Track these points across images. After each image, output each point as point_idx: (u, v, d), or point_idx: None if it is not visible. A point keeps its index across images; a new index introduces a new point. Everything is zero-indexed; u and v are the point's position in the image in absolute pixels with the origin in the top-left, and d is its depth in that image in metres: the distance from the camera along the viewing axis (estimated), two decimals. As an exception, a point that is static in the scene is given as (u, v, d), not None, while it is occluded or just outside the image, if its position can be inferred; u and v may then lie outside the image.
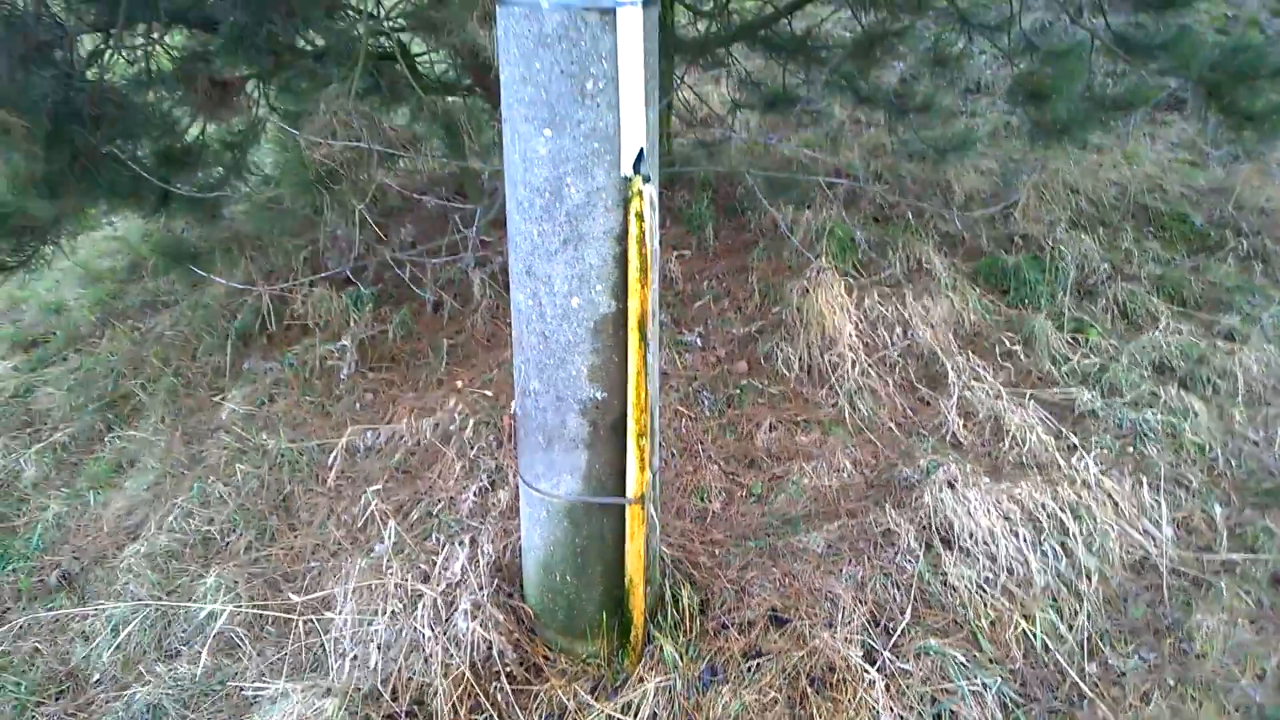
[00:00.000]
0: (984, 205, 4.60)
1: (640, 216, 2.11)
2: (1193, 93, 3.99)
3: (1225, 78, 3.70)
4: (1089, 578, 2.35)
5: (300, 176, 2.80)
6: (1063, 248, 3.97)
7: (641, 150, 2.08)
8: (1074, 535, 2.42)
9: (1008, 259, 3.94)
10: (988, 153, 5.28)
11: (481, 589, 2.10)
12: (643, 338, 2.13)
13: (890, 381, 3.21)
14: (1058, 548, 2.39)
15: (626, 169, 2.08)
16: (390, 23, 4.27)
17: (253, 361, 3.59)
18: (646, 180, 2.11)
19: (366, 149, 2.92)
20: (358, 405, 3.29)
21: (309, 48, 4.33)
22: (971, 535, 2.35)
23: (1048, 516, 2.43)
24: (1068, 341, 3.46)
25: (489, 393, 3.22)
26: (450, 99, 4.67)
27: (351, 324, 3.64)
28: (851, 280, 3.72)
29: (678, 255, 4.11)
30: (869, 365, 3.23)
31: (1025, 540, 2.36)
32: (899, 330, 3.41)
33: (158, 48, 3.81)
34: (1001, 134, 5.74)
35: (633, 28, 1.94)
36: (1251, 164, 5.03)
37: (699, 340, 3.55)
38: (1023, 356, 3.39)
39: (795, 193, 4.50)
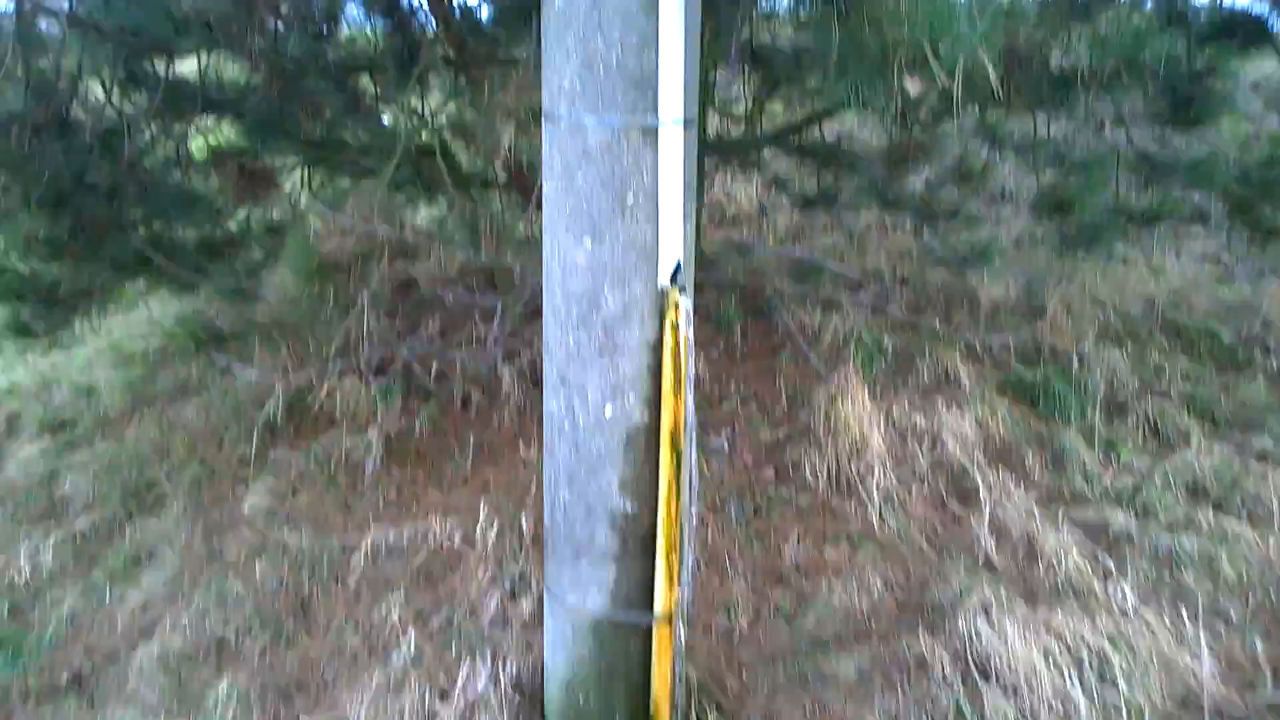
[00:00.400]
0: (1011, 314, 4.60)
1: (676, 328, 2.11)
2: (1217, 206, 4.01)
3: (1251, 192, 3.72)
4: (1131, 715, 2.24)
5: (302, 265, 2.83)
6: (1091, 362, 3.95)
7: (679, 263, 2.10)
8: (1115, 669, 2.32)
9: (1036, 371, 3.92)
10: (1013, 261, 5.31)
11: (502, 709, 2.03)
12: (675, 450, 2.11)
13: (920, 495, 3.15)
14: (1099, 682, 2.29)
15: (664, 281, 2.10)
16: (435, 120, 4.42)
17: (279, 452, 3.58)
18: (683, 292, 2.12)
19: (383, 240, 2.97)
20: (381, 502, 3.26)
21: (352, 141, 4.49)
22: (1010, 667, 2.27)
23: (1088, 648, 2.34)
24: (1099, 459, 3.40)
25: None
26: (486, 192, 4.79)
27: (379, 417, 3.65)
28: (878, 388, 3.70)
29: (704, 355, 4.12)
30: (898, 477, 3.18)
31: (1065, 673, 2.27)
32: (927, 441, 3.37)
33: (195, 134, 3.95)
34: (1026, 242, 5.79)
35: (673, 146, 1.98)
36: (1279, 281, 5.03)
37: (726, 445, 3.52)
38: (1054, 473, 3.33)
39: (822, 296, 4.54)
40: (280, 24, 3.83)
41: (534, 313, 4.06)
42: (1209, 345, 4.39)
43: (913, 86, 1.63)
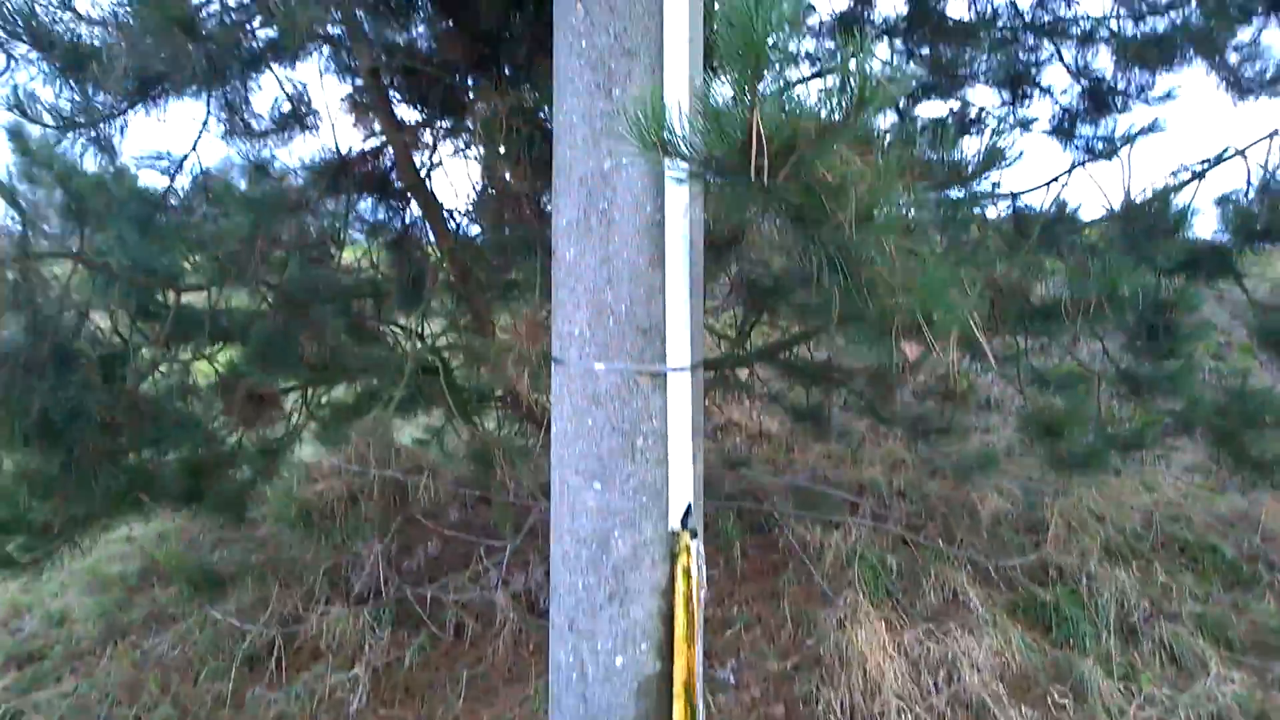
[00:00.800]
0: (1012, 530, 4.56)
1: (687, 573, 2.08)
2: (1201, 437, 4.06)
3: (1232, 423, 3.77)
4: None
5: (284, 513, 2.80)
6: (1099, 582, 3.88)
7: (689, 505, 2.09)
8: None
9: (1045, 593, 3.84)
10: (1007, 471, 5.34)
11: None
12: (689, 702, 2.01)
13: (941, 735, 2.98)
14: None
15: (674, 523, 2.08)
16: (436, 341, 4.53)
17: (258, 690, 3.37)
18: (694, 535, 2.10)
19: (379, 474, 2.96)
20: (365, 748, 3.05)
21: (353, 362, 4.56)
22: None
23: None
24: (1120, 690, 3.26)
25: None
26: (484, 412, 4.84)
27: (367, 648, 3.48)
28: (887, 612, 3.60)
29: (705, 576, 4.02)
30: (916, 715, 3.02)
31: None
32: (943, 673, 3.23)
33: (198, 361, 4.01)
34: (1017, 451, 5.85)
35: (682, 390, 2.02)
36: (1271, 493, 5.05)
37: (732, 677, 3.36)
38: (1078, 707, 3.17)
39: (822, 511, 4.51)
40: (284, 254, 4.00)
41: (531, 535, 4.00)
42: (1212, 561, 4.35)
43: (910, 351, 1.70)
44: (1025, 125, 4.90)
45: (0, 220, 3.27)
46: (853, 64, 1.23)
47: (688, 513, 2.05)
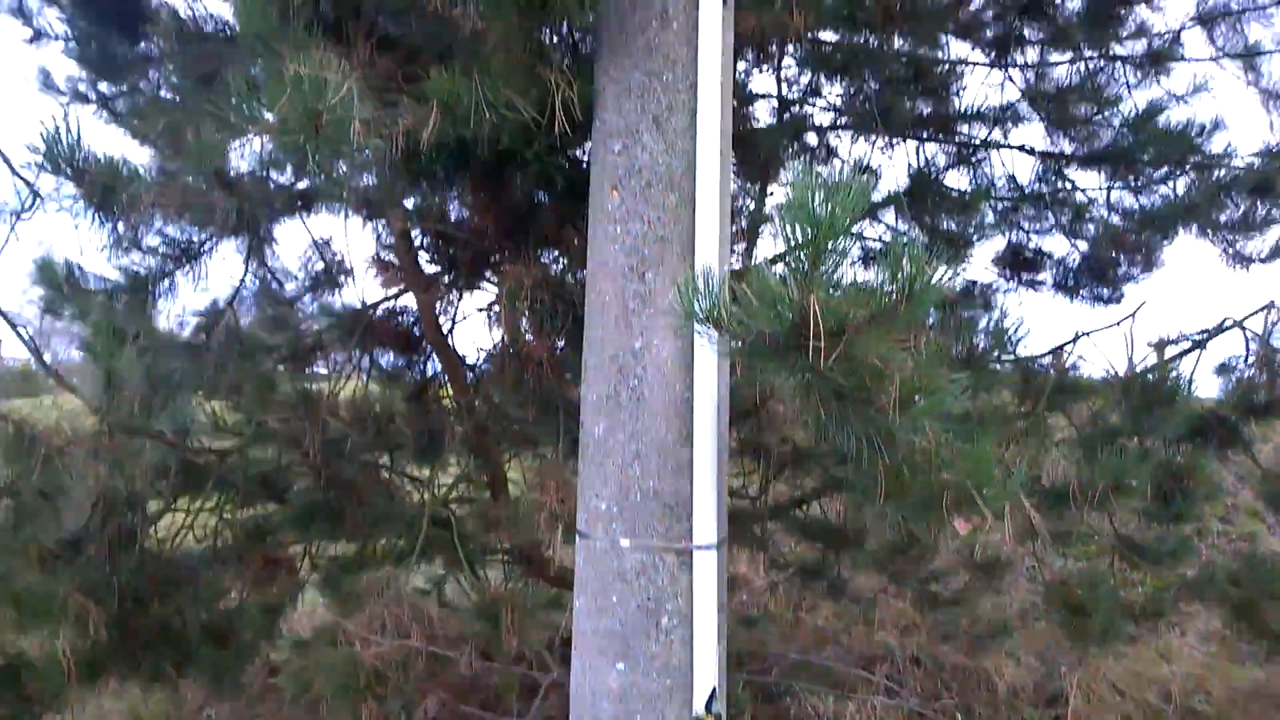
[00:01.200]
0: (1030, 701, 4.43)
1: (712, 762, 2.02)
2: (1216, 605, 4.00)
3: (1247, 593, 3.71)
4: None
5: (349, 683, 2.70)
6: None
7: (714, 689, 2.05)
8: None
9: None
10: (1021, 636, 5.21)
11: None
12: None
13: None
14: None
15: (699, 708, 2.05)
16: (448, 493, 4.51)
17: None
18: (719, 720, 2.05)
19: (417, 649, 2.89)
20: None
21: (364, 516, 4.51)
22: None
23: None
24: None
25: None
26: (488, 564, 4.76)
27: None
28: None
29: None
30: None
31: None
32: None
33: (227, 523, 3.98)
34: (1030, 613, 5.73)
35: (708, 569, 2.02)
36: (1293, 665, 4.93)
37: None
38: None
39: (834, 676, 4.38)
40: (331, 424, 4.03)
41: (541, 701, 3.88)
42: (1237, 742, 4.21)
43: (961, 526, 1.73)
44: (1033, 286, 5.06)
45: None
46: (905, 260, 1.32)
47: (713, 696, 2.01)
